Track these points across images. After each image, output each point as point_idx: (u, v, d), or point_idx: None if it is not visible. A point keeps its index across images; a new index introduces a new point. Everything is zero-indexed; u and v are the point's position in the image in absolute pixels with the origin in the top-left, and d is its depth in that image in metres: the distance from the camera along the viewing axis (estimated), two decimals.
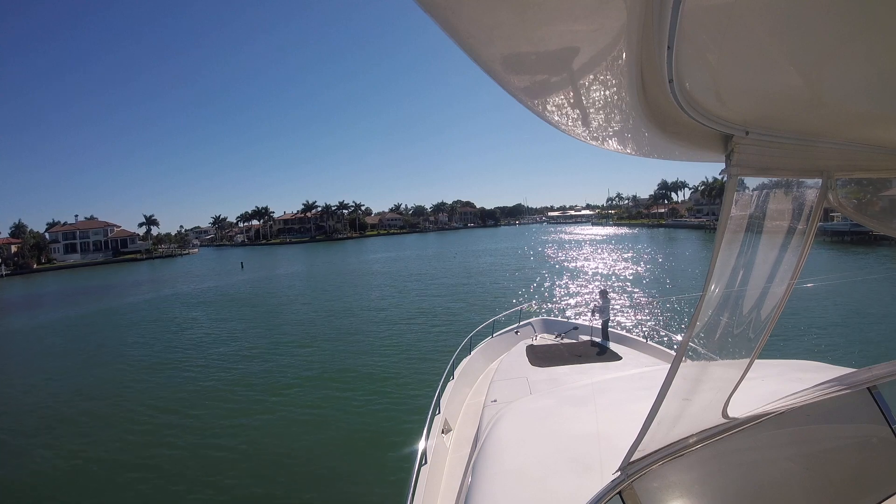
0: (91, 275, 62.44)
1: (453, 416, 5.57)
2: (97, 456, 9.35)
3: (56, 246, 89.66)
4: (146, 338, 20.41)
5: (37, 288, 51.45)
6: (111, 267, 76.17)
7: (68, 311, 30.35)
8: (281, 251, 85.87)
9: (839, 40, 0.93)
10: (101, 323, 25.44)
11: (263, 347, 17.19)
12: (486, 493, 2.61)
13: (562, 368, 5.98)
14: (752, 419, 2.05)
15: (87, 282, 52.21)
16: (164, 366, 15.75)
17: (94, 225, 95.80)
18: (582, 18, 0.80)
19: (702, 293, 1.44)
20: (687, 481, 2.06)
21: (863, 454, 2.40)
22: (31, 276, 70.17)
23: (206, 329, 21.66)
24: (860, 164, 1.68)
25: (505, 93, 1.07)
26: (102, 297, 37.23)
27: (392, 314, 21.52)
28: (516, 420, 3.49)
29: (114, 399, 12.73)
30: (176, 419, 10.95)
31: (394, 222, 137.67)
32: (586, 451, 2.64)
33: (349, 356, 15.06)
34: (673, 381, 1.51)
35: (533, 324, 8.64)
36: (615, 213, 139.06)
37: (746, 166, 1.33)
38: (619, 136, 1.47)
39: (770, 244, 1.66)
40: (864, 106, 1.28)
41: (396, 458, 8.10)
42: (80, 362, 17.05)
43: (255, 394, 12.24)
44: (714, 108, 1.16)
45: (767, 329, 1.77)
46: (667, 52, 0.87)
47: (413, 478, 3.87)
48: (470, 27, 0.82)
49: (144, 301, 32.71)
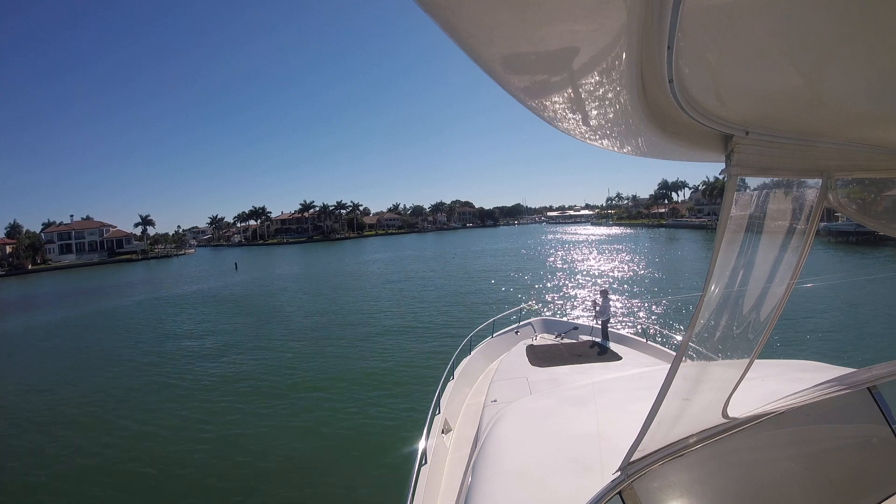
0: (85, 276, 61.79)
1: (453, 416, 5.56)
2: (88, 462, 9.34)
3: (52, 246, 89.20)
4: (138, 341, 20.27)
5: (30, 289, 51.31)
6: (106, 268, 75.57)
7: (58, 314, 30.11)
8: (278, 252, 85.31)
9: (839, 40, 0.93)
10: (92, 326, 25.24)
11: (261, 349, 17.19)
12: (486, 493, 2.61)
13: (562, 368, 5.98)
14: (752, 419, 2.05)
15: (80, 283, 51.93)
16: (157, 368, 15.75)
17: (89, 225, 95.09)
18: (582, 18, 0.80)
19: (702, 293, 1.44)
20: (687, 481, 2.06)
21: (863, 454, 2.40)
22: (26, 276, 69.92)
23: (199, 330, 21.65)
24: (860, 164, 1.68)
25: (504, 93, 1.07)
26: (94, 299, 36.89)
27: (390, 316, 21.36)
28: (516, 420, 3.49)
29: (108, 403, 12.72)
30: (175, 419, 10.94)
31: (392, 222, 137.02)
32: (586, 451, 2.64)
33: (349, 356, 15.05)
34: (673, 381, 1.51)
35: (533, 324, 8.64)
36: (615, 213, 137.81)
37: (746, 166, 1.33)
38: (619, 136, 1.47)
39: (770, 244, 1.66)
40: (864, 106, 1.28)
41: (396, 458, 8.10)
42: (66, 367, 16.79)
43: (256, 394, 12.24)
44: (714, 108, 1.16)
45: (767, 329, 1.77)
46: (667, 52, 0.87)
47: (413, 478, 3.87)
48: (470, 27, 0.81)
49: (136, 303, 32.43)
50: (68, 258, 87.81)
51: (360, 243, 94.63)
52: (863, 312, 16.94)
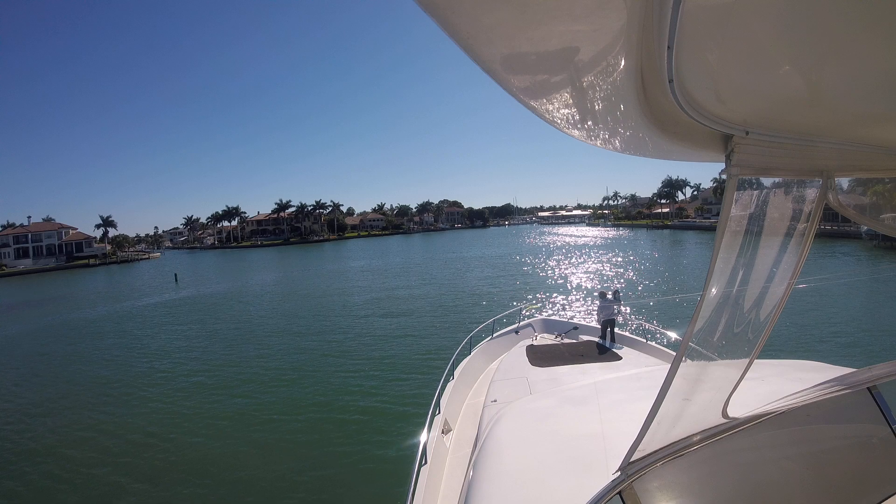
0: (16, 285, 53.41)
1: (453, 416, 5.56)
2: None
3: (7, 250, 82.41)
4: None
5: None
6: (53, 275, 66.84)
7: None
8: (248, 256, 79.24)
9: (839, 40, 0.93)
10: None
11: (261, 353, 17.17)
12: (486, 493, 2.61)
13: (562, 368, 5.98)
14: (752, 419, 2.05)
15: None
16: (152, 369, 15.72)
17: (46, 227, 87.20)
18: (582, 18, 0.80)
19: (702, 293, 1.44)
20: (687, 481, 2.06)
21: (863, 454, 2.41)
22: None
23: (188, 335, 21.56)
24: (860, 164, 1.68)
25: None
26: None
27: (371, 338, 17.45)
28: (516, 420, 3.49)
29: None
30: (175, 418, 10.97)
31: (376, 223, 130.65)
32: (586, 450, 2.64)
33: (348, 356, 15.07)
34: (673, 381, 1.51)
35: (533, 324, 8.64)
36: (612, 213, 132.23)
37: (746, 166, 1.33)
38: (619, 135, 1.47)
39: (770, 244, 1.66)
40: (864, 106, 1.28)
41: (396, 458, 8.10)
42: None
43: (256, 394, 12.25)
44: (714, 108, 1.16)
45: (767, 329, 1.77)
46: (667, 52, 0.87)
47: (413, 478, 3.87)
48: (470, 27, 0.81)
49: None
50: (24, 263, 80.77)
51: (340, 246, 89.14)
52: (863, 312, 16.94)
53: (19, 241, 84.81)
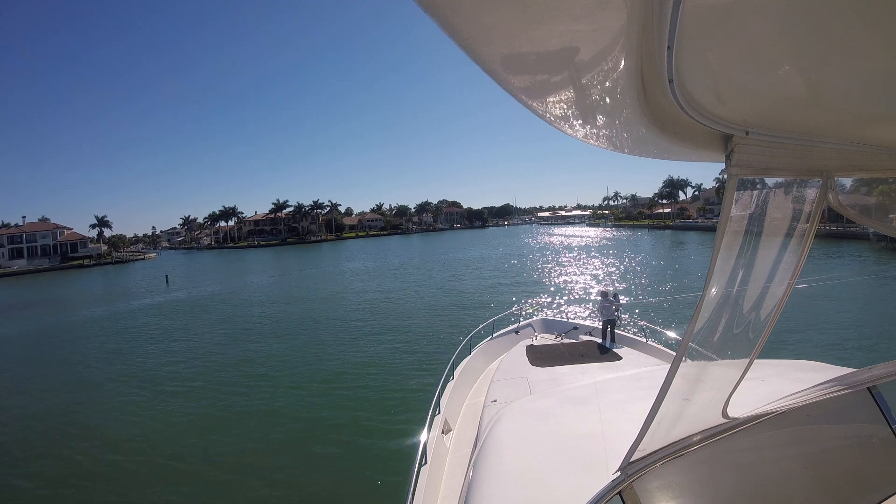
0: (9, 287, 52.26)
1: (453, 416, 5.56)
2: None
3: (1, 251, 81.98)
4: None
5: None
6: (46, 276, 66.31)
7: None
8: (245, 256, 78.60)
9: (839, 40, 0.93)
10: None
11: (260, 355, 17.17)
12: (486, 493, 2.61)
13: (562, 368, 5.98)
14: (752, 419, 2.05)
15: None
16: (151, 368, 15.74)
17: (41, 227, 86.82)
18: (582, 18, 0.80)
19: (702, 293, 1.44)
20: (687, 481, 2.06)
21: (863, 454, 2.40)
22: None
23: (185, 337, 21.57)
24: (860, 164, 1.68)
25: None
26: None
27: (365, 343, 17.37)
28: (516, 420, 3.49)
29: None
30: (172, 417, 10.97)
31: (374, 223, 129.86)
32: (586, 450, 2.64)
33: (347, 356, 15.07)
34: (673, 381, 1.51)
35: (533, 324, 8.65)
36: (612, 213, 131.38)
37: (746, 166, 1.33)
38: (619, 135, 1.47)
39: (770, 244, 1.66)
40: (864, 106, 1.28)
41: (396, 458, 8.10)
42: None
43: (255, 394, 12.26)
44: (714, 108, 1.16)
45: (767, 329, 1.77)
46: (667, 52, 0.87)
47: (413, 478, 3.87)
48: (470, 27, 0.81)
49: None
50: (18, 263, 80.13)
51: (338, 247, 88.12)
52: (863, 312, 16.94)
53: (14, 242, 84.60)
